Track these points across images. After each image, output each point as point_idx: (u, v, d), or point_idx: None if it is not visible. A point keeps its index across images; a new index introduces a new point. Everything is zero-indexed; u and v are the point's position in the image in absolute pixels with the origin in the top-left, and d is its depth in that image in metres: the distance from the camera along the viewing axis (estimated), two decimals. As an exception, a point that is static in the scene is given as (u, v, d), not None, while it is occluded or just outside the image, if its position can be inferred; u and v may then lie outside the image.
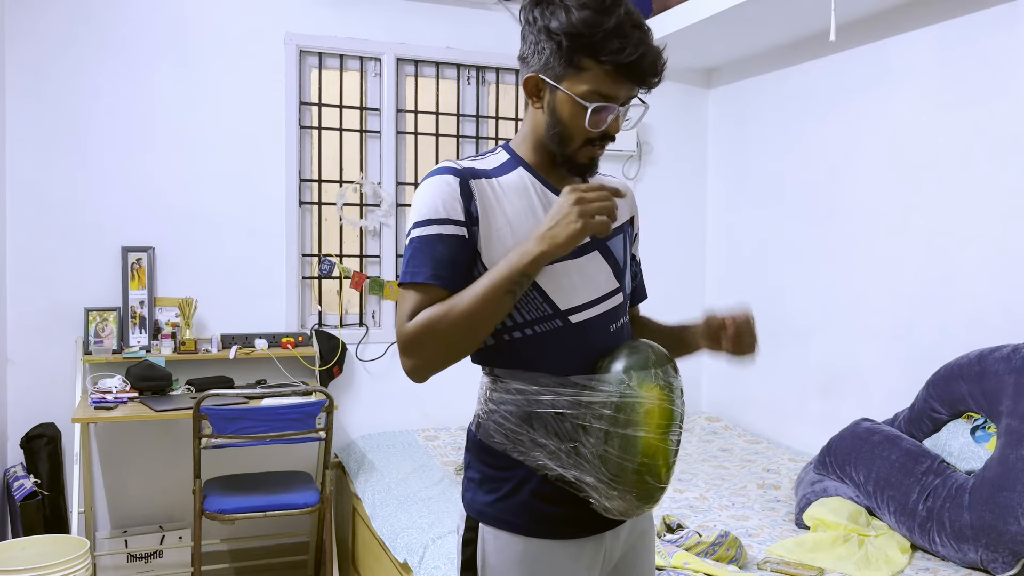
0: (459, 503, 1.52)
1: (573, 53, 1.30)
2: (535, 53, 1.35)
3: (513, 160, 1.42)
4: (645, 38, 1.31)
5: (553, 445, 1.33)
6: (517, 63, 1.42)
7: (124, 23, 3.44)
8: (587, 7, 1.29)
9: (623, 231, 1.51)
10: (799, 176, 3.71)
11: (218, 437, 2.96)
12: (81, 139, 3.40)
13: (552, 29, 1.30)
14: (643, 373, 1.31)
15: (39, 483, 3.10)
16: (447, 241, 1.32)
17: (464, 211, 1.33)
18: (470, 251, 1.34)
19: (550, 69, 1.33)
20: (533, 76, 1.36)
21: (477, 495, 1.43)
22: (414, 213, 1.35)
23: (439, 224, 1.32)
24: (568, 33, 1.29)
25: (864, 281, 3.37)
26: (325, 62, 3.80)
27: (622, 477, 1.29)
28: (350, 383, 3.82)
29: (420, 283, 1.31)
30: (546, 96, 1.36)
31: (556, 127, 1.36)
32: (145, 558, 3.39)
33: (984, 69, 2.88)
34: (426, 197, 1.34)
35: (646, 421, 1.29)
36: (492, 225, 1.35)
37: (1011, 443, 2.33)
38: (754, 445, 3.71)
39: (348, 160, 3.87)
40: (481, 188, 1.36)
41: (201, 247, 3.57)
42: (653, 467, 1.29)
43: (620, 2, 1.31)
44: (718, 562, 2.31)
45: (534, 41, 1.35)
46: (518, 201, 1.37)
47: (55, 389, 3.34)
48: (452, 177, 1.34)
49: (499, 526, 1.39)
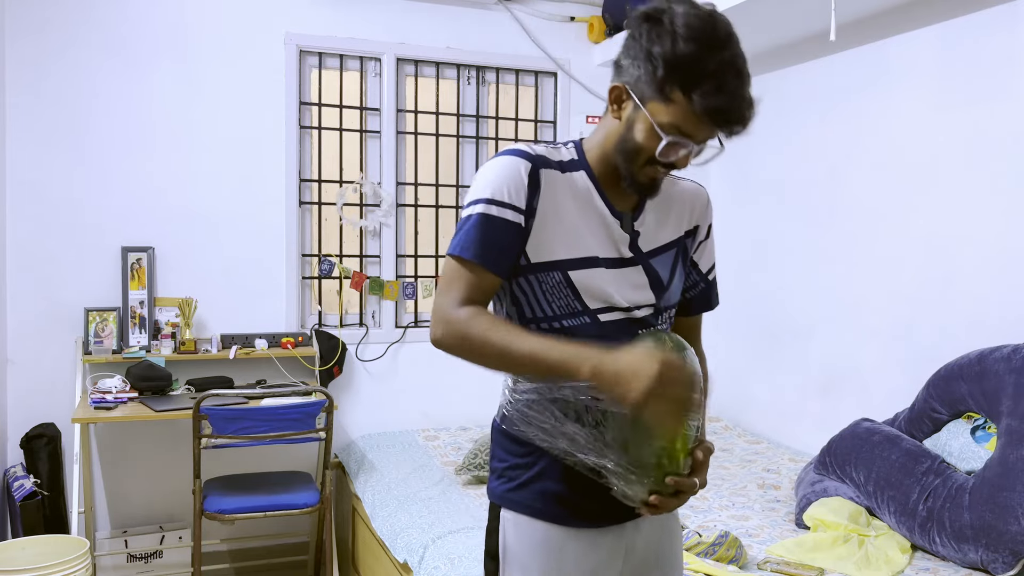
0: (459, 503, 1.52)
1: (666, 83, 1.26)
2: (630, 66, 1.32)
3: (580, 162, 1.41)
4: (742, 88, 1.27)
5: (575, 431, 1.34)
6: (520, 63, 1.42)
7: (124, 23, 3.44)
8: (695, 41, 1.24)
9: (676, 245, 1.49)
10: (799, 176, 3.71)
11: (218, 437, 2.96)
12: (81, 139, 3.40)
13: (653, 53, 1.27)
14: None
15: (39, 483, 3.10)
16: (504, 227, 1.33)
17: (527, 200, 1.34)
18: (522, 240, 1.35)
19: (639, 87, 1.31)
20: (621, 87, 1.34)
21: (499, 483, 1.45)
22: (480, 187, 1.35)
23: (500, 207, 1.33)
24: (667, 62, 1.25)
25: (864, 281, 3.37)
26: (325, 62, 3.80)
27: (640, 462, 1.30)
28: (350, 383, 3.82)
29: (467, 260, 1.33)
30: (627, 110, 1.34)
31: (627, 143, 1.34)
32: (145, 558, 3.39)
33: (984, 69, 2.88)
34: (495, 176, 1.35)
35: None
36: (546, 220, 1.36)
37: (1011, 443, 2.33)
38: (754, 445, 3.71)
39: (348, 160, 3.87)
40: (549, 179, 1.36)
41: (201, 247, 3.57)
42: (671, 451, 1.30)
43: (731, 42, 1.27)
44: (718, 562, 2.31)
45: (633, 55, 1.31)
46: (572, 203, 1.38)
47: (55, 389, 3.34)
48: (525, 163, 1.35)
49: (519, 510, 1.41)
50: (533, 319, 1.38)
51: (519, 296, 1.39)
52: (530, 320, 1.39)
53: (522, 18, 4.02)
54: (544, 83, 4.16)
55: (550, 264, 1.37)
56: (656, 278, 1.44)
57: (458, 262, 1.34)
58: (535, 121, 4.16)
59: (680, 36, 1.25)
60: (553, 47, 4.07)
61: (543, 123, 4.18)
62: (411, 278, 3.96)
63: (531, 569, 1.40)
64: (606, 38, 4.07)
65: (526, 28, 4.02)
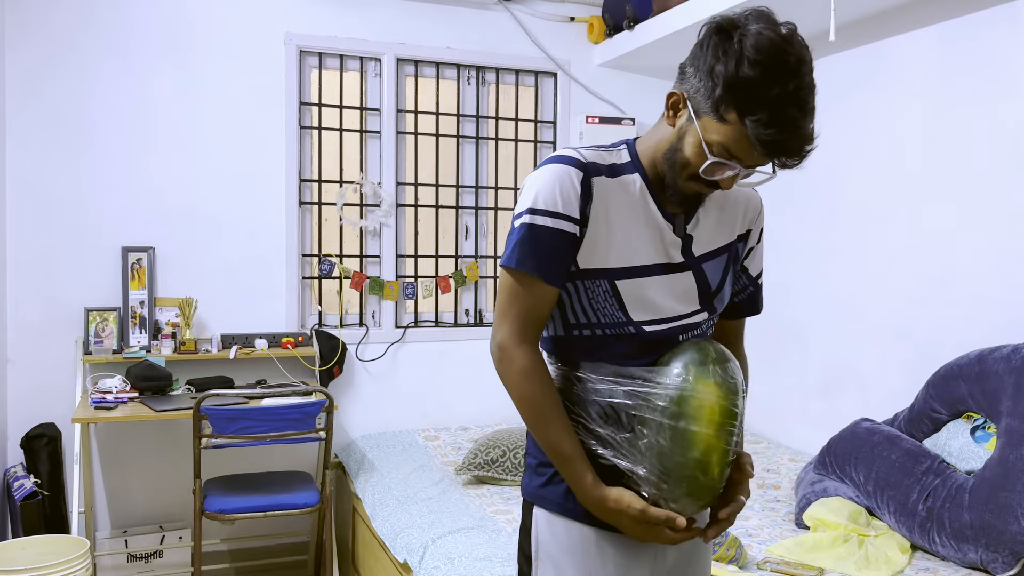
0: (459, 503, 1.53)
1: (722, 103, 1.22)
2: (693, 75, 1.28)
3: (633, 164, 1.39)
4: (802, 121, 1.22)
5: (609, 433, 1.33)
6: (520, 63, 1.42)
7: (125, 23, 3.44)
8: (761, 65, 1.19)
9: (728, 250, 1.46)
10: (799, 176, 3.70)
11: (218, 437, 2.96)
12: (82, 139, 3.40)
13: (715, 70, 1.22)
14: (701, 368, 1.31)
15: (39, 483, 3.10)
16: (559, 237, 1.32)
17: (580, 209, 1.32)
18: (575, 249, 1.34)
19: (696, 100, 1.27)
20: (679, 94, 1.31)
21: (532, 479, 1.45)
22: (530, 196, 1.33)
23: (554, 217, 1.32)
24: (727, 82, 1.21)
25: (864, 281, 3.37)
26: (325, 62, 3.80)
27: (673, 471, 1.29)
28: (350, 383, 3.82)
29: (525, 273, 1.33)
30: (681, 119, 1.31)
31: (675, 154, 1.32)
32: (145, 558, 3.39)
33: (984, 69, 2.88)
34: (547, 185, 1.33)
35: (701, 416, 1.28)
36: (598, 229, 1.34)
37: (1011, 443, 2.33)
38: (754, 445, 3.71)
39: (348, 160, 3.87)
40: (600, 187, 1.34)
41: (201, 247, 3.57)
42: (706, 464, 1.29)
43: (800, 72, 1.20)
44: (718, 562, 2.31)
45: (697, 66, 1.27)
46: (623, 210, 1.36)
47: (55, 389, 3.34)
48: (576, 171, 1.33)
49: (551, 508, 1.41)
50: (576, 324, 1.38)
51: (564, 299, 1.38)
52: (573, 325, 1.38)
53: (522, 18, 4.02)
54: (544, 83, 4.16)
55: (598, 272, 1.35)
56: (705, 284, 1.42)
57: (514, 276, 1.35)
58: (535, 121, 4.16)
59: (746, 58, 1.19)
60: (553, 47, 4.07)
61: (543, 123, 4.18)
62: (411, 278, 3.96)
63: (564, 568, 1.39)
64: (606, 38, 4.07)
65: (526, 28, 4.02)
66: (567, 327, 1.39)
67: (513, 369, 1.36)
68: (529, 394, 1.35)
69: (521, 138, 4.15)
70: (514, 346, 1.36)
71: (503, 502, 2.95)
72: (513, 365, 1.35)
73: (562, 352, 1.42)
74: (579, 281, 1.36)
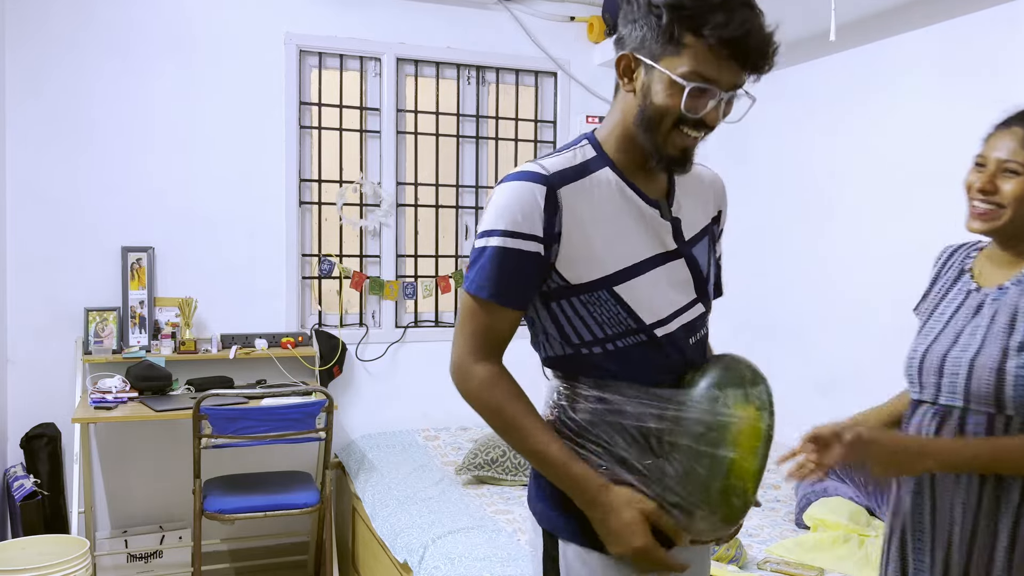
0: (459, 503, 1.51)
1: (674, 28, 1.19)
2: (632, 30, 1.25)
3: (600, 158, 1.33)
4: (753, 17, 1.21)
5: (633, 458, 1.26)
6: (520, 63, 1.40)
7: (125, 23, 3.44)
8: None
9: (708, 233, 1.43)
10: (798, 176, 3.71)
11: (218, 437, 2.96)
12: (82, 139, 3.40)
13: (653, 3, 1.21)
14: (738, 392, 1.27)
15: (39, 483, 3.10)
16: (520, 258, 1.25)
17: (545, 227, 1.25)
18: (544, 269, 1.27)
19: (647, 47, 1.23)
20: (627, 55, 1.27)
21: (553, 508, 1.34)
22: (490, 217, 1.27)
23: (515, 238, 1.25)
24: (670, 5, 1.19)
25: (864, 281, 3.37)
26: (325, 62, 3.80)
27: (708, 497, 1.23)
28: (350, 383, 3.82)
29: (484, 300, 1.28)
30: (640, 77, 1.26)
31: (648, 111, 1.25)
32: (145, 558, 3.39)
33: (984, 69, 2.87)
34: (506, 204, 1.26)
35: (738, 441, 1.24)
36: (575, 240, 1.27)
37: (1011, 443, 2.33)
38: (754, 445, 3.71)
39: (348, 160, 3.87)
40: (569, 196, 1.27)
41: (201, 247, 3.57)
42: (741, 488, 1.25)
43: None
44: (718, 562, 2.31)
45: (632, 19, 1.25)
46: (605, 206, 1.30)
47: (55, 389, 3.34)
48: (538, 187, 1.25)
49: (583, 543, 1.31)
50: (582, 343, 1.31)
51: (561, 320, 1.31)
52: (578, 344, 1.31)
53: (522, 18, 4.01)
54: (544, 83, 4.16)
55: (594, 283, 1.28)
56: (697, 270, 1.38)
57: (474, 300, 1.29)
58: (535, 121, 4.16)
59: None
60: (553, 47, 4.07)
61: (543, 123, 4.18)
62: (411, 278, 3.96)
63: None
64: (606, 38, 4.07)
65: (526, 28, 4.02)
66: (574, 346, 1.32)
67: (472, 384, 1.32)
68: (494, 403, 1.31)
69: (521, 138, 4.15)
70: (472, 363, 1.31)
71: (503, 502, 2.95)
72: (472, 381, 1.32)
73: (572, 371, 1.34)
74: (576, 297, 1.29)
